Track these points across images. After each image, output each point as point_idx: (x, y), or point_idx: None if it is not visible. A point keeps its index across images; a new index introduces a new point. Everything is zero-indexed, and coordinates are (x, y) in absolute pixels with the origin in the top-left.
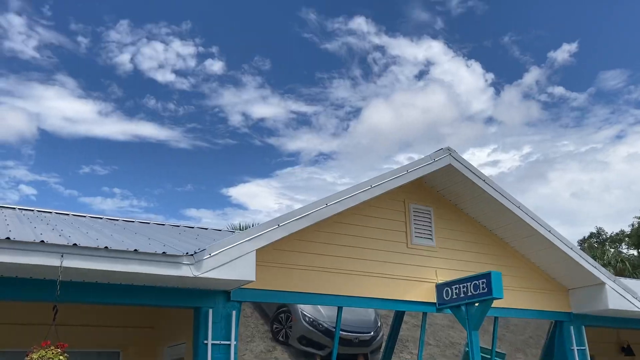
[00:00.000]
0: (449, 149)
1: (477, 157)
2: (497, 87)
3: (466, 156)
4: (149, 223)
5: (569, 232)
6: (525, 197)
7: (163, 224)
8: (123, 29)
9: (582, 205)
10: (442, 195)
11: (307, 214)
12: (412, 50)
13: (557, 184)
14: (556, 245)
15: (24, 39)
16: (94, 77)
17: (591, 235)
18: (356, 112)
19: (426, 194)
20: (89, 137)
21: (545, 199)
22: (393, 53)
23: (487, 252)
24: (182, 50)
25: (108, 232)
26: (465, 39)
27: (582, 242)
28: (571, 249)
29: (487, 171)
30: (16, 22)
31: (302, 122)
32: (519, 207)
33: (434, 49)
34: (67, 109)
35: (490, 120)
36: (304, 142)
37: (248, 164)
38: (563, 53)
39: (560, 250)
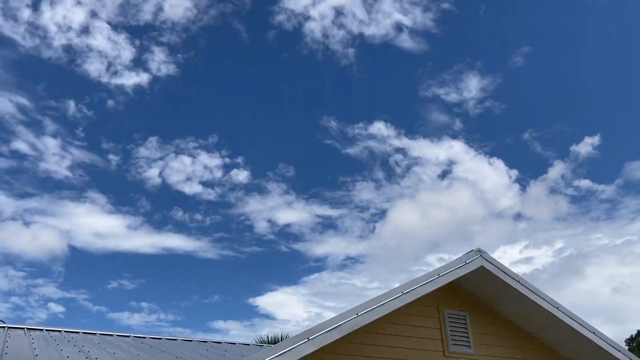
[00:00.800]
0: (479, 250)
1: (509, 255)
2: (523, 183)
3: (498, 254)
4: (175, 340)
5: (615, 331)
6: (562, 295)
7: (190, 340)
8: (152, 145)
9: (626, 301)
10: (476, 298)
11: (338, 325)
12: (433, 151)
13: (595, 279)
14: (603, 348)
15: (58, 159)
16: (124, 192)
17: (639, 333)
18: (382, 214)
19: (460, 298)
20: (117, 252)
21: (584, 296)
22: (414, 154)
23: (529, 358)
24: (209, 162)
25: (135, 352)
26: (486, 137)
27: (630, 342)
28: (619, 351)
29: (520, 269)
30: (51, 144)
31: (327, 225)
32: (557, 308)
33: (454, 148)
34: (97, 224)
35: (519, 217)
36: (330, 246)
37: (275, 272)
38: (586, 146)
39: (607, 353)
